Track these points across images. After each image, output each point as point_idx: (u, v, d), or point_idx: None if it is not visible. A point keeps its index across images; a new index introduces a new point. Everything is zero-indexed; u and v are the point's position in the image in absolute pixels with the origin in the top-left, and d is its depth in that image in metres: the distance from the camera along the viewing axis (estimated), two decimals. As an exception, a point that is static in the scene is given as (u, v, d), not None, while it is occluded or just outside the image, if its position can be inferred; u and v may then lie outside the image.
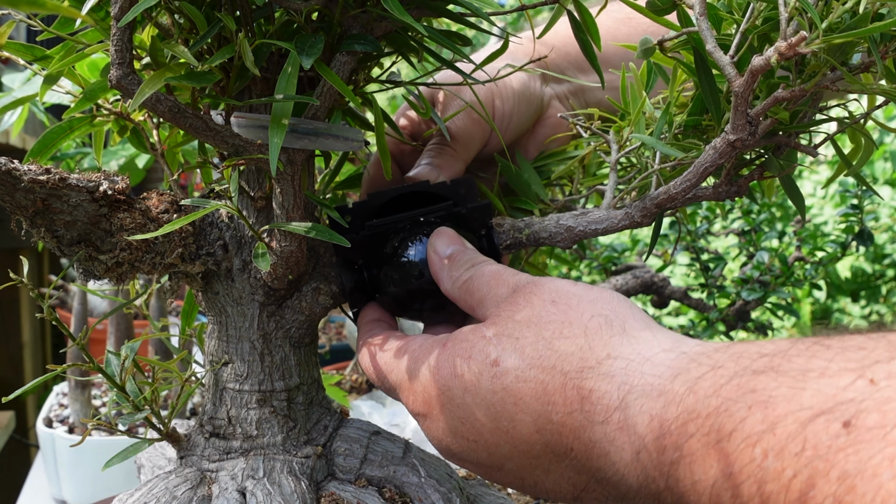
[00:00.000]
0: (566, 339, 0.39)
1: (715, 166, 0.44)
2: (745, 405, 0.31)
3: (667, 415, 0.34)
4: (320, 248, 0.54)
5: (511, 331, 0.41)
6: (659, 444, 0.34)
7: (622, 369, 0.37)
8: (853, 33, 0.36)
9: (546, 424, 0.39)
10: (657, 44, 0.45)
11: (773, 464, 0.29)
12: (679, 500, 0.34)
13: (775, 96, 0.40)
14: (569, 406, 0.38)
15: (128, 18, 0.37)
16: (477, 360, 0.41)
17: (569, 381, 0.38)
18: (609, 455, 0.37)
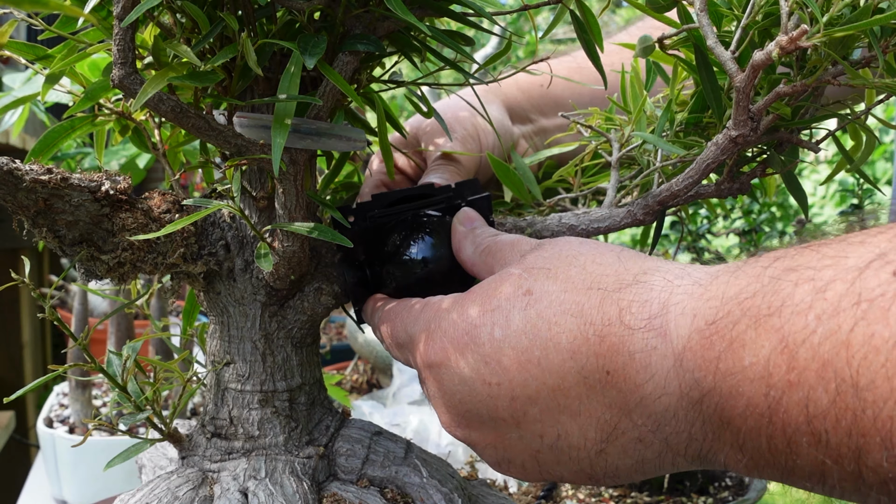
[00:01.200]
0: (599, 264, 0.39)
1: (717, 162, 0.44)
2: (791, 282, 0.31)
3: (710, 308, 0.33)
4: (322, 248, 0.54)
5: (541, 264, 0.40)
6: (703, 338, 0.33)
7: (661, 279, 0.36)
8: (854, 26, 0.36)
9: (582, 345, 0.37)
10: (657, 41, 0.45)
11: (828, 324, 0.29)
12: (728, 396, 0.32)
13: (777, 91, 0.40)
14: (607, 320, 0.36)
15: (130, 18, 0.37)
16: (507, 293, 0.40)
17: (607, 296, 0.37)
18: (649, 366, 0.35)
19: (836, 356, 0.28)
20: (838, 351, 0.28)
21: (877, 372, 0.27)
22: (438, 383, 0.42)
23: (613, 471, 0.39)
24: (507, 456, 0.42)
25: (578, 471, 0.40)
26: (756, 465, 0.33)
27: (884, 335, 0.27)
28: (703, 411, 0.34)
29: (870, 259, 0.29)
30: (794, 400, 0.30)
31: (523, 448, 0.41)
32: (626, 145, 0.53)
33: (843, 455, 0.29)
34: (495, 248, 0.46)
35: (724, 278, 0.34)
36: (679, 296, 0.35)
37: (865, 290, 0.28)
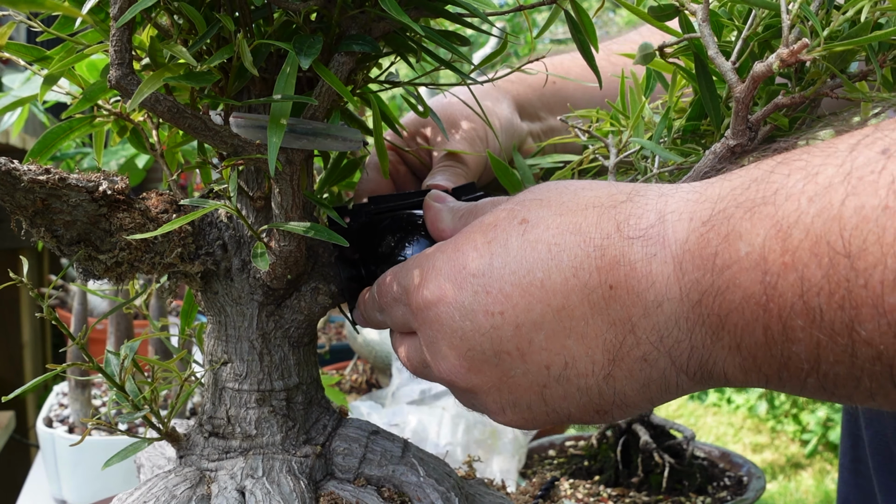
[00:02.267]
0: (591, 189, 0.39)
1: (714, 171, 0.44)
2: (783, 173, 0.31)
3: (705, 209, 0.33)
4: (319, 247, 0.54)
5: (532, 196, 0.40)
6: (700, 238, 0.33)
7: (656, 194, 0.36)
8: (854, 41, 0.36)
9: (584, 261, 0.36)
10: (657, 49, 0.46)
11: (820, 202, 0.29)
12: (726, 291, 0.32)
13: (775, 102, 0.40)
14: (605, 234, 0.36)
15: (126, 18, 0.38)
16: (502, 224, 0.39)
17: (604, 213, 0.37)
18: (650, 274, 0.35)
19: (829, 230, 0.29)
20: (830, 225, 0.29)
21: (867, 238, 0.28)
22: (437, 322, 0.41)
23: (622, 398, 0.38)
24: (513, 398, 0.40)
25: (587, 403, 0.39)
26: (754, 363, 0.33)
27: (873, 203, 0.28)
28: (702, 313, 0.34)
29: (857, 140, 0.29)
30: (789, 281, 0.30)
31: (529, 385, 0.39)
32: (623, 150, 0.54)
33: (837, 330, 0.29)
34: (475, 209, 0.45)
35: (719, 182, 0.34)
36: (675, 203, 0.35)
37: (855, 168, 0.29)
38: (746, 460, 1.01)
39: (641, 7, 0.48)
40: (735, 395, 3.44)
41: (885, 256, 0.27)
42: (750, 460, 1.01)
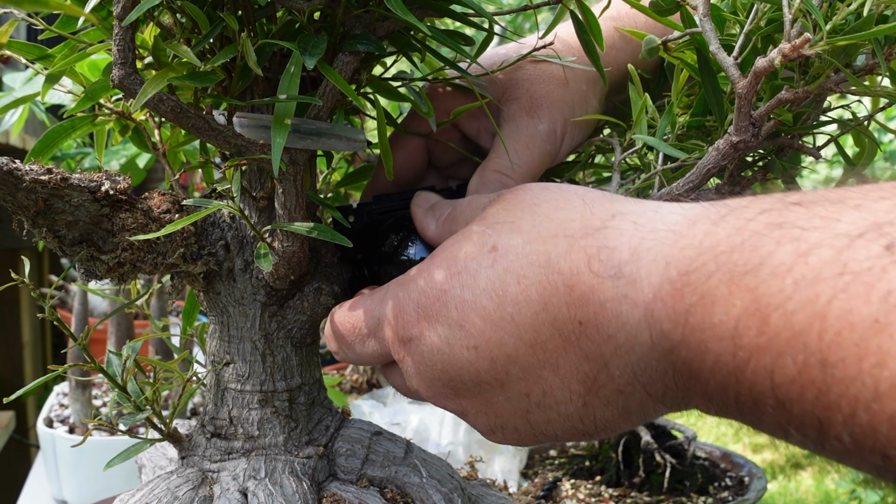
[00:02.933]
0: (564, 210, 0.37)
1: (718, 167, 0.44)
2: (773, 239, 0.28)
3: (684, 258, 0.31)
4: (322, 248, 0.54)
5: (503, 217, 0.39)
6: (675, 289, 0.31)
7: (632, 224, 0.34)
8: (857, 36, 0.36)
9: (552, 296, 0.35)
10: (661, 44, 0.45)
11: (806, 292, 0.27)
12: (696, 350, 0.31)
13: (779, 98, 0.40)
14: (575, 269, 0.35)
15: (131, 18, 0.37)
16: (471, 252, 0.38)
17: (574, 243, 0.35)
18: (620, 315, 0.34)
19: (809, 327, 0.26)
20: (812, 322, 0.26)
21: (848, 350, 0.25)
22: (418, 357, 0.41)
23: (603, 422, 0.38)
24: (499, 421, 0.41)
25: (570, 427, 0.39)
26: (726, 415, 0.32)
27: (862, 312, 0.25)
28: (673, 361, 0.32)
29: (864, 228, 0.26)
30: (761, 364, 0.28)
31: (513, 410, 0.39)
32: (627, 147, 0.53)
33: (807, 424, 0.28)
34: (455, 214, 0.45)
35: (703, 226, 0.31)
36: (651, 241, 0.33)
37: (852, 261, 0.26)
38: (747, 460, 1.01)
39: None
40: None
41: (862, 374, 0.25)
42: (751, 460, 1.01)
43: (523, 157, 0.53)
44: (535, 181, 0.54)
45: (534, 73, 0.56)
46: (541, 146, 0.54)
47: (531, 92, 0.55)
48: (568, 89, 0.55)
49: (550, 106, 0.54)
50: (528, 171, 0.54)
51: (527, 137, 0.54)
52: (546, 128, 0.54)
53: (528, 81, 0.55)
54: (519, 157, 0.53)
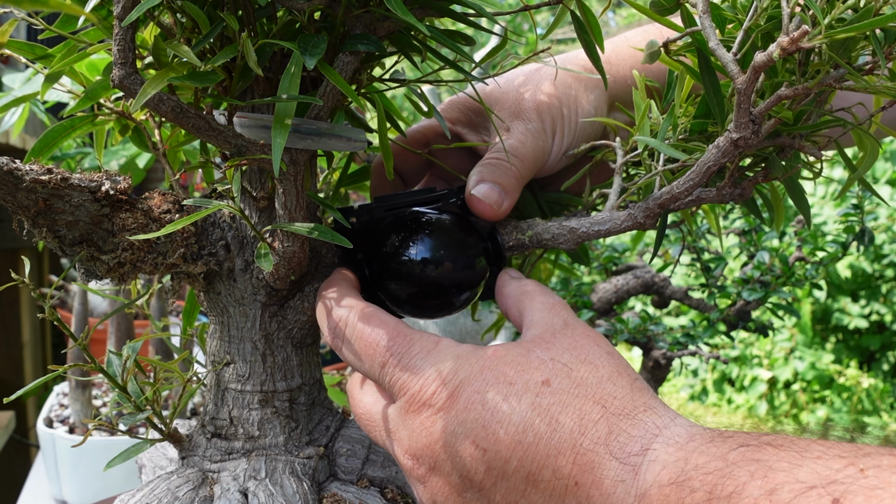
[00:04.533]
0: (614, 384, 0.42)
1: (718, 165, 0.44)
2: (748, 471, 0.34)
3: (676, 468, 0.37)
4: (322, 248, 0.54)
5: (566, 360, 0.43)
6: (663, 493, 0.36)
7: (652, 423, 0.40)
8: (855, 27, 0.36)
9: (568, 449, 0.40)
10: (662, 46, 0.45)
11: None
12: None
13: (779, 94, 0.40)
14: (596, 438, 0.40)
15: (131, 18, 0.37)
16: (528, 375, 0.42)
17: (606, 416, 0.40)
18: (613, 495, 0.38)
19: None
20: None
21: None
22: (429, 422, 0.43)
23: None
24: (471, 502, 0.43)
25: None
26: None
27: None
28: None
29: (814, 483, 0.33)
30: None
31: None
32: (630, 150, 0.53)
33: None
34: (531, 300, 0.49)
35: (695, 445, 0.38)
36: (658, 444, 0.39)
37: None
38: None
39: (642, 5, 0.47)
40: (735, 395, 3.44)
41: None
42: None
43: (520, 150, 0.55)
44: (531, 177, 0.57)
45: (523, 81, 0.59)
46: (533, 141, 0.56)
47: (518, 98, 0.58)
48: (554, 95, 0.58)
49: (538, 108, 0.57)
50: (524, 164, 0.56)
51: (519, 134, 0.56)
52: (535, 126, 0.57)
53: (516, 89, 0.58)
54: (514, 150, 0.55)
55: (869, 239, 1.09)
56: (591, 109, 0.59)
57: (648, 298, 1.25)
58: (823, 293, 3.29)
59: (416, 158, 0.61)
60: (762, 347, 3.43)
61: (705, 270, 1.16)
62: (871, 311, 3.28)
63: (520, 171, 0.55)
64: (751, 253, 1.17)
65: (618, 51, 0.62)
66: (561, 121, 0.57)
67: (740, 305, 1.14)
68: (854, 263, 3.20)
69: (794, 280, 1.11)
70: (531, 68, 0.60)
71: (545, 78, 0.58)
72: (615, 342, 1.11)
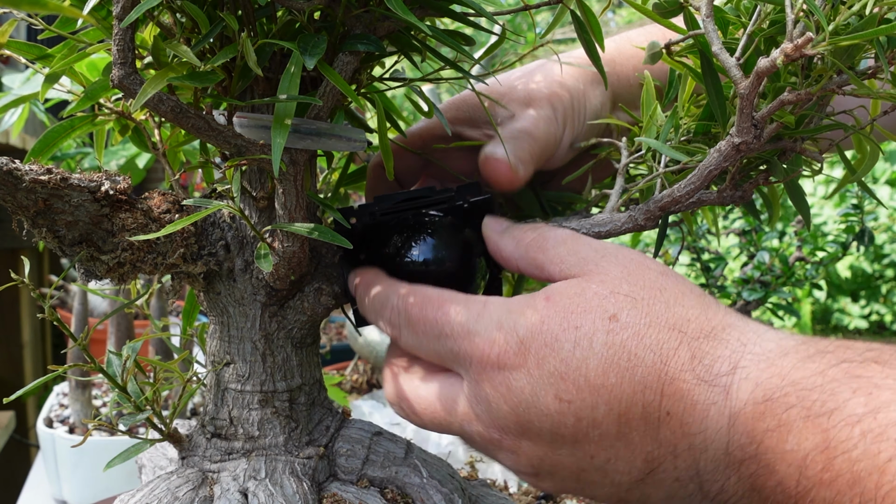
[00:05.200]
0: (684, 306, 0.40)
1: (719, 169, 0.44)
2: (850, 388, 0.32)
3: (771, 384, 0.35)
4: (322, 248, 0.54)
5: (627, 290, 0.41)
6: (757, 410, 0.35)
7: (736, 339, 0.38)
8: (860, 35, 0.36)
9: (654, 381, 0.38)
10: (664, 47, 0.45)
11: (871, 445, 0.30)
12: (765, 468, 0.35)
13: (781, 99, 0.40)
14: (681, 365, 0.38)
15: (130, 18, 0.37)
16: (592, 314, 0.40)
17: (685, 340, 0.39)
18: (706, 419, 0.37)
19: (869, 477, 0.30)
20: (871, 473, 0.30)
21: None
22: (505, 387, 0.41)
23: (645, 499, 0.41)
24: (551, 470, 0.42)
25: (613, 493, 0.41)
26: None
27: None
28: (740, 471, 0.36)
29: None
30: (821, 496, 0.32)
31: (570, 464, 0.41)
32: (634, 151, 0.53)
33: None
34: (545, 245, 0.45)
35: (791, 360, 0.36)
36: (748, 360, 0.37)
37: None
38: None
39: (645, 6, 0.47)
40: (735, 395, 3.44)
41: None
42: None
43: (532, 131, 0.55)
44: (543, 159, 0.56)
45: (530, 73, 0.59)
46: (544, 127, 0.56)
47: (527, 89, 0.57)
48: (564, 86, 0.57)
49: (548, 98, 0.57)
50: (538, 143, 0.55)
51: (531, 118, 0.55)
52: (545, 113, 0.56)
53: (523, 81, 0.58)
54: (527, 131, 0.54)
55: (869, 239, 1.09)
56: (597, 105, 0.59)
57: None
58: (823, 293, 3.29)
59: (413, 159, 0.61)
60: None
61: (705, 270, 1.16)
62: (871, 311, 3.28)
63: (533, 147, 0.54)
64: (751, 253, 1.17)
65: (621, 49, 0.62)
66: (571, 112, 0.57)
67: (740, 305, 1.14)
68: (854, 264, 3.20)
69: (794, 280, 1.11)
70: (536, 64, 0.60)
71: (553, 71, 0.58)
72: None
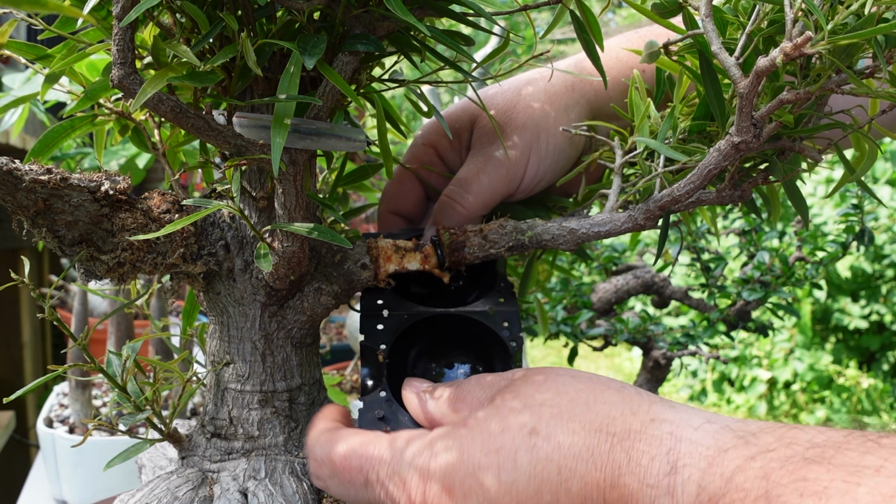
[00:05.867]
0: (604, 403, 0.38)
1: (719, 169, 0.44)
2: (797, 492, 0.31)
3: (714, 487, 0.34)
4: (322, 248, 0.54)
5: (542, 400, 0.39)
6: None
7: (669, 434, 0.36)
8: (858, 34, 0.36)
9: (593, 491, 0.37)
10: (662, 47, 0.45)
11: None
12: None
13: (780, 99, 0.40)
14: (617, 469, 0.36)
15: (130, 18, 0.37)
16: (510, 432, 0.38)
17: (617, 443, 0.37)
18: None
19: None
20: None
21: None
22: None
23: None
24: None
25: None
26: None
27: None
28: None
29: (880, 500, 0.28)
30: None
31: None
32: (629, 151, 0.53)
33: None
34: (462, 393, 0.43)
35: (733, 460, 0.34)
36: (686, 459, 0.35)
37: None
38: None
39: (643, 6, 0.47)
40: (735, 396, 3.44)
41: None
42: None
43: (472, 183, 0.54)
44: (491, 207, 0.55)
45: (501, 100, 0.56)
46: (494, 171, 0.54)
47: (498, 118, 0.56)
48: (532, 116, 0.55)
49: (510, 133, 0.55)
50: (478, 197, 0.54)
51: (480, 163, 0.55)
52: (502, 154, 0.55)
53: (493, 108, 0.56)
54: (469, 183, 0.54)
55: (869, 239, 1.09)
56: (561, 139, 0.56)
57: (648, 298, 1.25)
58: (823, 293, 3.29)
59: (415, 195, 0.61)
60: (762, 348, 3.43)
61: (705, 270, 1.16)
62: (871, 311, 3.28)
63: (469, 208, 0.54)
64: (751, 253, 1.17)
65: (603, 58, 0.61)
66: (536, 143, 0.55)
67: (740, 305, 1.14)
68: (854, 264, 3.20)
69: (794, 280, 1.11)
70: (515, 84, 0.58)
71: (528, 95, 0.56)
72: (615, 342, 1.11)
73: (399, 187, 0.61)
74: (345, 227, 0.64)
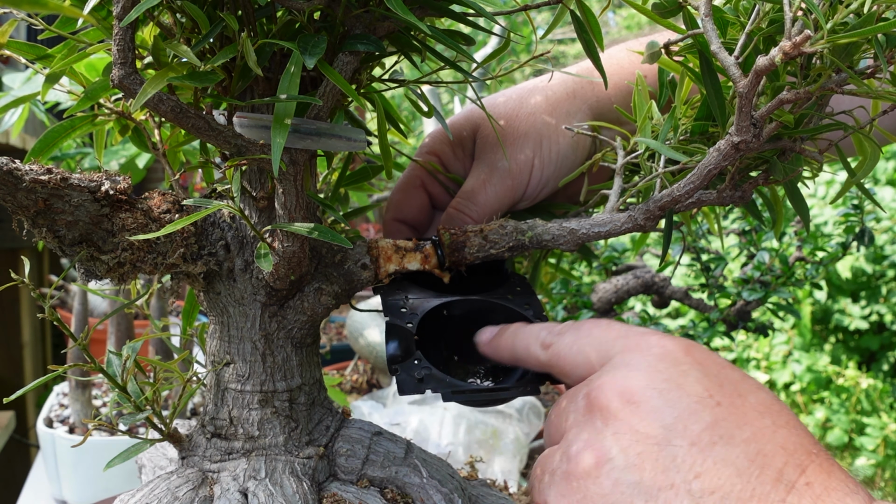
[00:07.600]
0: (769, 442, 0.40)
1: (719, 168, 0.44)
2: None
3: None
4: (322, 248, 0.54)
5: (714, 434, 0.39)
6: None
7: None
8: (857, 32, 0.36)
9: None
10: (663, 47, 0.45)
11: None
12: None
13: (780, 98, 0.40)
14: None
15: (130, 18, 0.37)
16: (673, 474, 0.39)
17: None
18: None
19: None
20: None
21: None
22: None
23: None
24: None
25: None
26: None
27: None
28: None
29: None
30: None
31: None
32: (630, 152, 0.53)
33: None
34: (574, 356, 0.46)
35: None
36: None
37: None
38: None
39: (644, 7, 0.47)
40: (735, 395, 3.44)
41: None
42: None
43: (478, 194, 0.55)
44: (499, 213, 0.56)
45: (504, 109, 0.57)
46: (500, 181, 0.55)
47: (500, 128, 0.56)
48: (534, 125, 0.56)
49: (514, 142, 0.55)
50: (485, 208, 0.55)
51: (485, 174, 0.55)
52: (505, 165, 0.55)
53: (496, 117, 0.57)
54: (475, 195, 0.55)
55: (869, 239, 1.09)
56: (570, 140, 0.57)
57: (648, 298, 1.25)
58: (824, 294, 3.29)
59: (420, 204, 0.61)
60: (760, 350, 3.44)
61: (705, 270, 1.16)
62: (872, 311, 3.28)
63: (477, 220, 0.55)
64: (751, 253, 1.17)
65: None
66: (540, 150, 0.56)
67: (740, 305, 1.14)
68: (854, 264, 3.20)
69: (794, 280, 1.11)
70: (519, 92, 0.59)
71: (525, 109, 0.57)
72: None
73: (404, 196, 0.61)
74: (345, 227, 0.64)
